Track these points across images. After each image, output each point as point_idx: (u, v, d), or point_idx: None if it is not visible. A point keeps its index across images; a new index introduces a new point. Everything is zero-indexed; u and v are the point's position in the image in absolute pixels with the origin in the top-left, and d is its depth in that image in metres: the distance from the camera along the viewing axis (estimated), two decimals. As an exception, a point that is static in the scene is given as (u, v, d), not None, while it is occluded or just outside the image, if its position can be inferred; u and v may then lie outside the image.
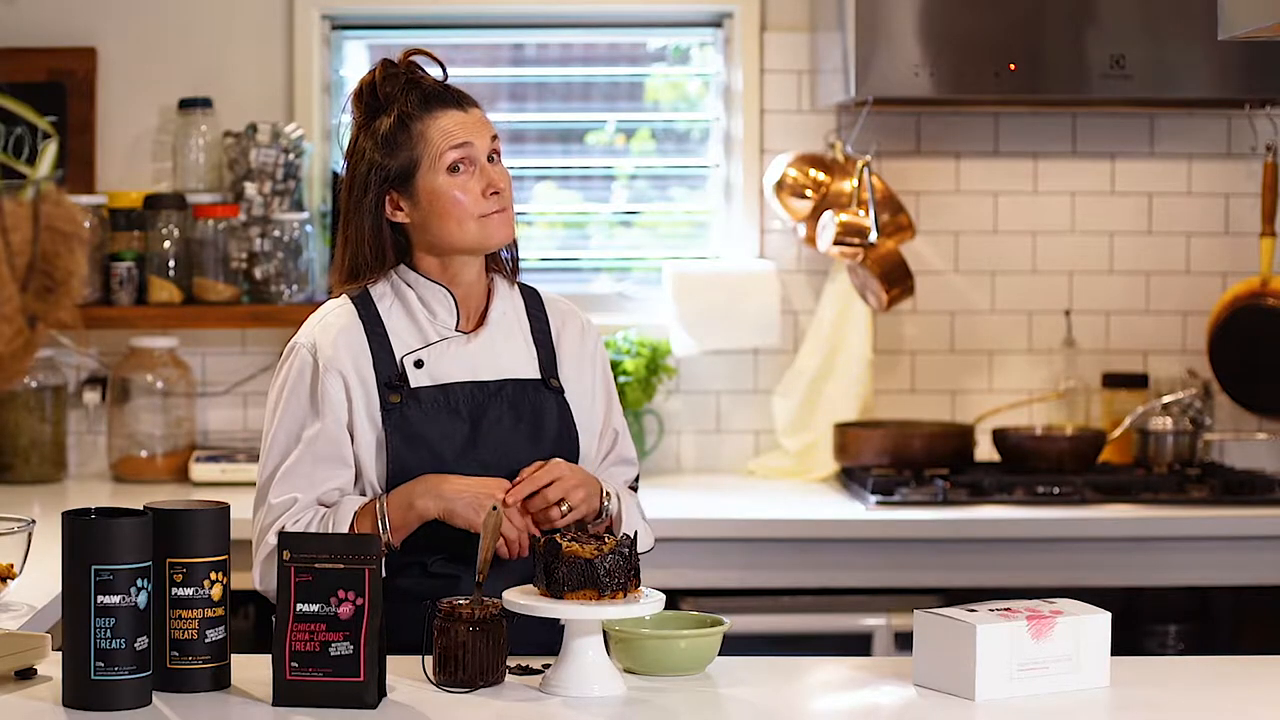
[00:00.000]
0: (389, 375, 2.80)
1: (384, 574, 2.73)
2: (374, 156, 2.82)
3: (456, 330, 2.86)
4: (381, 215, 2.83)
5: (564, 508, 2.74)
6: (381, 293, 2.86)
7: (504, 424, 2.82)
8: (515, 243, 2.93)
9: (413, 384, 2.80)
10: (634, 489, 3.00)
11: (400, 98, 2.82)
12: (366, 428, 2.79)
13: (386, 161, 2.81)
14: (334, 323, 2.83)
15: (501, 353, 2.87)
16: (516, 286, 2.95)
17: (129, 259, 4.34)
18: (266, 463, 2.80)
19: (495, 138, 2.86)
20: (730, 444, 4.60)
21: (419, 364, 2.82)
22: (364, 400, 2.79)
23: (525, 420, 2.84)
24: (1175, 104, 4.51)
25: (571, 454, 2.87)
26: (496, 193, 2.81)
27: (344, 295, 2.87)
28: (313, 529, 2.74)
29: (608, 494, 2.81)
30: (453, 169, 2.80)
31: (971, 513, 4.02)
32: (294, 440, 2.78)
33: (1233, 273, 4.58)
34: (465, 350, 2.85)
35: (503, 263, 2.94)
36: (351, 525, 2.73)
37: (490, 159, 2.84)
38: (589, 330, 2.98)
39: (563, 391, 2.89)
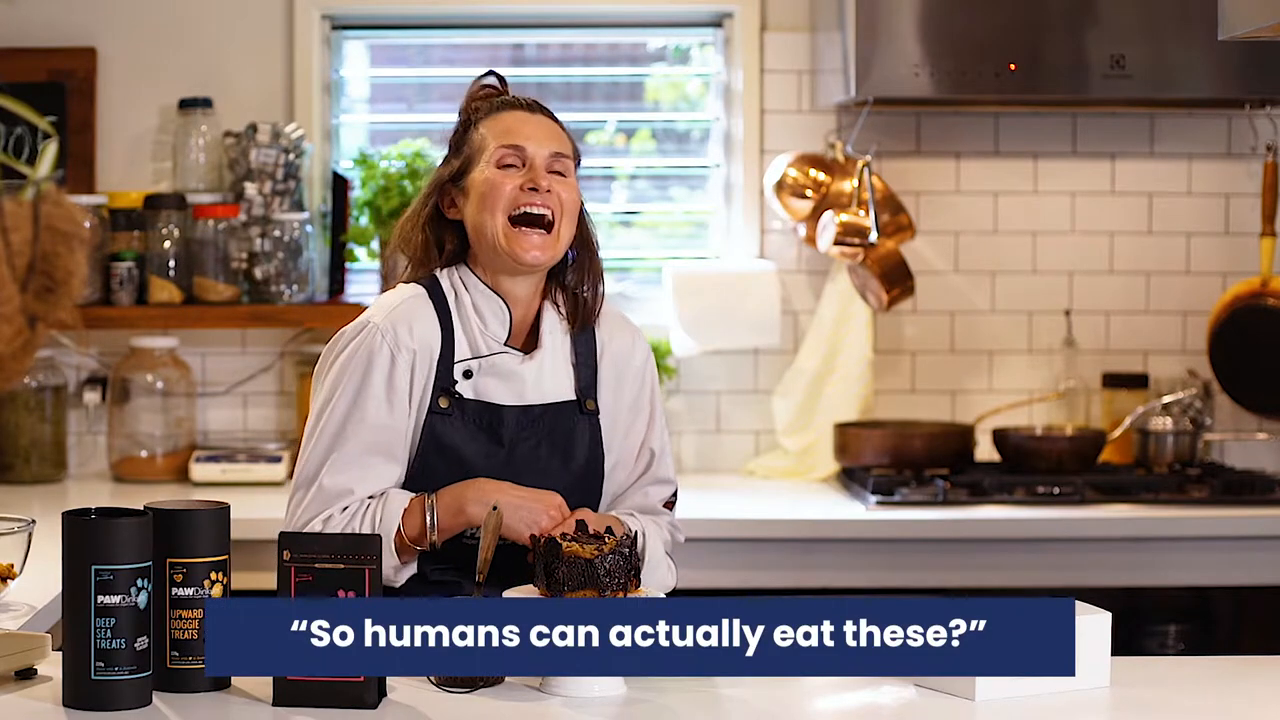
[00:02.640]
0: (446, 378, 2.75)
1: (414, 569, 2.73)
2: (439, 171, 2.82)
3: (506, 345, 2.80)
4: (427, 214, 2.80)
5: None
6: (447, 288, 2.80)
7: (540, 451, 2.78)
8: (597, 286, 2.85)
9: (461, 393, 2.76)
10: (670, 505, 2.95)
11: (475, 108, 2.83)
12: (410, 421, 2.75)
13: (447, 165, 2.80)
14: (410, 310, 2.76)
15: (546, 375, 2.81)
16: None
17: (129, 259, 4.34)
18: (317, 444, 2.72)
19: (561, 153, 2.78)
20: (730, 444, 4.60)
21: (468, 374, 2.77)
22: (420, 394, 2.74)
23: (559, 447, 2.80)
24: (1175, 104, 4.51)
25: (596, 475, 2.84)
26: (535, 189, 2.73)
27: (415, 284, 2.80)
28: (358, 521, 2.70)
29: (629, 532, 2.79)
30: (503, 165, 2.76)
31: (971, 513, 4.02)
32: (356, 424, 2.70)
33: (1233, 273, 4.58)
34: (518, 370, 2.79)
35: (563, 301, 2.85)
36: (399, 523, 2.70)
37: (557, 173, 2.77)
38: (639, 345, 2.91)
39: (597, 413, 2.84)
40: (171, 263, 4.36)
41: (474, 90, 2.88)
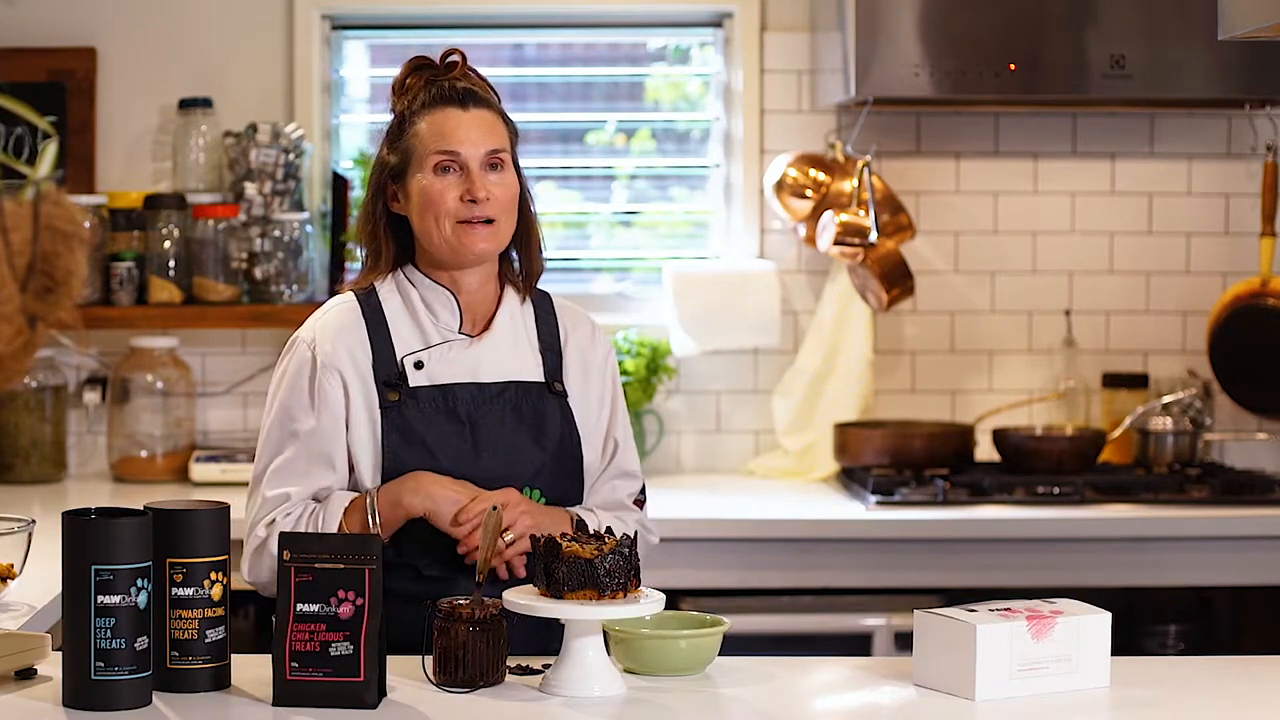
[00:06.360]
0: (388, 374, 2.80)
1: None
2: (381, 153, 2.87)
3: (460, 333, 2.85)
4: (379, 212, 2.86)
5: (507, 537, 2.72)
6: (388, 291, 2.86)
7: (505, 426, 2.81)
8: (535, 257, 2.91)
9: (412, 384, 2.80)
10: (640, 503, 2.98)
11: (413, 96, 2.84)
12: (364, 425, 2.79)
13: (388, 156, 2.85)
14: (335, 320, 2.83)
15: (506, 356, 2.86)
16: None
17: (129, 259, 4.34)
18: (261, 455, 2.82)
19: (498, 149, 2.82)
20: (730, 444, 4.60)
21: (419, 365, 2.81)
22: (363, 397, 2.79)
23: (527, 423, 2.82)
24: (1175, 104, 4.51)
25: (574, 459, 2.86)
26: (474, 200, 2.79)
27: (350, 293, 2.88)
28: (303, 523, 2.75)
29: (578, 519, 2.80)
30: (441, 169, 2.80)
31: (971, 513, 4.02)
32: (290, 435, 2.79)
33: (1233, 273, 4.58)
34: (467, 353, 2.84)
35: (515, 274, 2.92)
36: (341, 520, 2.74)
37: (493, 167, 2.82)
38: (600, 337, 2.96)
39: (566, 396, 2.87)
40: (171, 263, 4.36)
41: (405, 77, 2.88)
